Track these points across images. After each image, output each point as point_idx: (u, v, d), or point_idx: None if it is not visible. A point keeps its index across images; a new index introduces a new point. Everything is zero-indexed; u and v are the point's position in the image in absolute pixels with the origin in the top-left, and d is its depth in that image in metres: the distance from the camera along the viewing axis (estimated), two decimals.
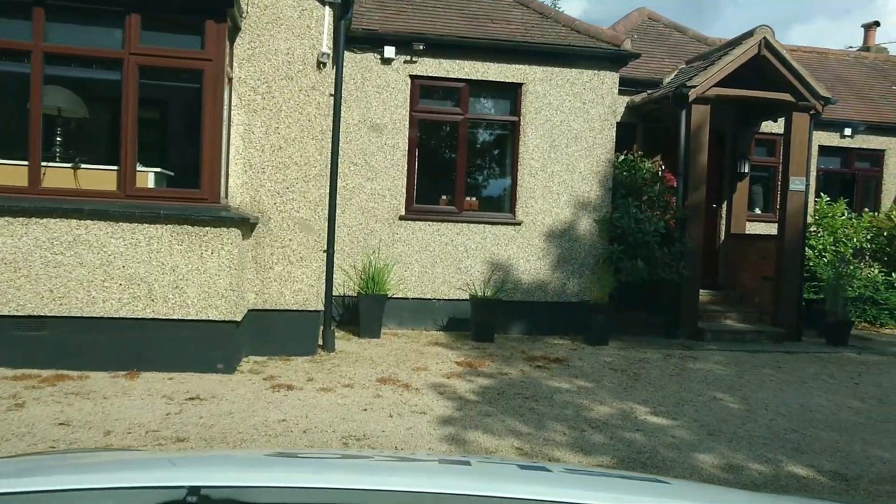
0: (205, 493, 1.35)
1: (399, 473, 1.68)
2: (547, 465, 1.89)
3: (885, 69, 15.85)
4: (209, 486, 1.38)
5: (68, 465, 1.81)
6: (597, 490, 1.64)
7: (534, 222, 9.66)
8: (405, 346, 8.38)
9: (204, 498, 1.34)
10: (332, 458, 1.97)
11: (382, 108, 9.34)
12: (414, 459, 1.95)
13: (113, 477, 1.53)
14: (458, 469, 1.81)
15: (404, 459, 1.91)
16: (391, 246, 9.38)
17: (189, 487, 1.36)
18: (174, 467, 1.59)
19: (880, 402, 7.08)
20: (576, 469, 2.00)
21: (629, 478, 2.19)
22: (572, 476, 1.79)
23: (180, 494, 1.34)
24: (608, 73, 9.77)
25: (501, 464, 2.11)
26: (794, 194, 10.34)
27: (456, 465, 1.87)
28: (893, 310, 12.23)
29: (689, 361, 8.51)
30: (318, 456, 2.05)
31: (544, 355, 8.29)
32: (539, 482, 1.66)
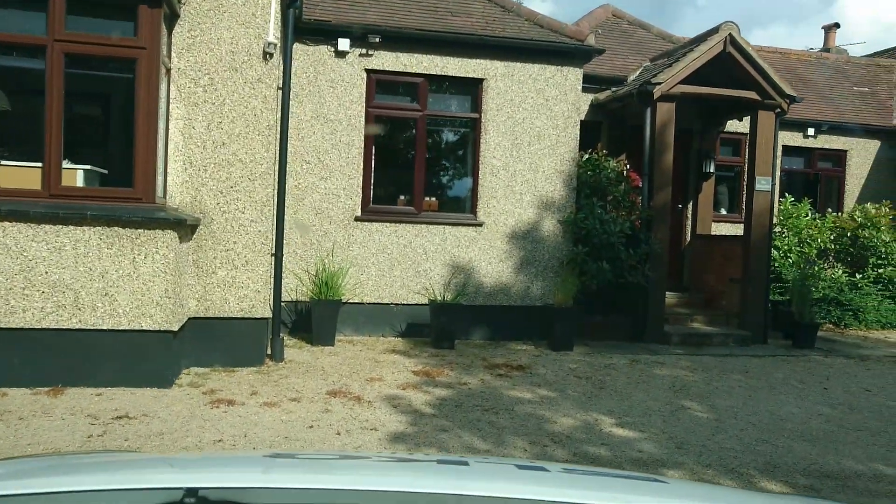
0: (202, 495, 1.33)
1: (397, 474, 1.67)
2: (545, 465, 1.87)
3: (845, 70, 15.89)
4: (207, 487, 1.37)
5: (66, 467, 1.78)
6: (594, 490, 1.63)
7: (496, 223, 9.30)
8: (360, 355, 7.94)
9: (201, 499, 1.33)
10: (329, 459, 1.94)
11: (337, 103, 8.88)
12: (412, 460, 1.93)
13: (111, 478, 1.52)
14: (456, 469, 1.79)
15: (402, 460, 1.89)
16: (347, 248, 8.93)
17: (186, 489, 1.34)
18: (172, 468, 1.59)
19: (850, 408, 6.86)
20: (574, 469, 1.97)
21: (627, 477, 2.14)
22: (570, 476, 1.78)
23: (178, 496, 1.33)
24: (571, 69, 9.45)
25: (499, 464, 2.07)
26: (760, 194, 10.16)
27: (454, 466, 1.85)
28: (857, 311, 12.16)
29: (655, 367, 8.23)
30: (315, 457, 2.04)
31: (506, 362, 7.92)
32: (537, 482, 1.65)
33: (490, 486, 1.54)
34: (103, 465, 1.82)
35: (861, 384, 7.92)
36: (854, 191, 13.97)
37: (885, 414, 6.70)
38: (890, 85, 15.61)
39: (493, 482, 1.62)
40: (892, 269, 12.54)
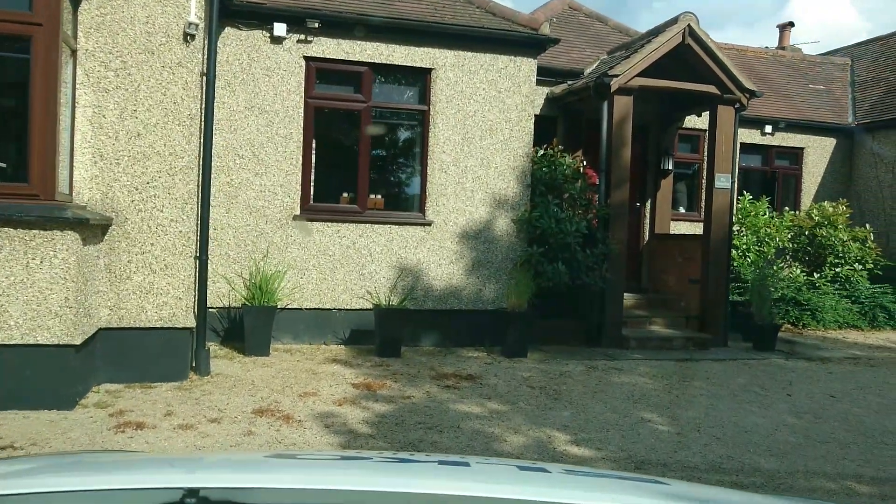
0: (203, 495, 1.32)
1: (398, 474, 1.65)
2: (546, 466, 1.85)
3: (801, 68, 15.80)
4: (207, 487, 1.36)
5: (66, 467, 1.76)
6: (595, 491, 1.63)
7: (446, 222, 8.74)
8: (297, 366, 7.30)
9: (202, 499, 1.31)
10: (330, 459, 1.90)
11: (273, 93, 8.21)
12: (412, 461, 1.87)
13: (111, 478, 1.51)
14: (457, 470, 1.77)
15: (403, 460, 1.82)
16: (284, 250, 8.27)
17: (187, 489, 1.33)
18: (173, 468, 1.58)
19: (816, 417, 6.49)
20: (575, 470, 1.92)
21: (627, 478, 2.11)
22: (571, 477, 1.76)
23: (178, 496, 1.31)
24: (525, 60, 8.95)
25: (500, 465, 2.03)
26: (720, 192, 9.82)
27: (455, 466, 1.81)
28: (815, 310, 11.95)
29: (613, 374, 7.77)
30: (316, 457, 1.98)
31: (455, 372, 7.37)
32: (538, 483, 1.65)
33: (491, 486, 1.53)
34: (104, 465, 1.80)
35: (825, 389, 7.59)
36: (811, 189, 13.83)
37: (851, 422, 6.34)
38: (845, 83, 15.57)
39: (494, 483, 1.60)
40: (850, 269, 12.40)
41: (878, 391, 7.65)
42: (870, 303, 12.29)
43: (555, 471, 1.81)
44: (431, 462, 1.89)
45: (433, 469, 1.79)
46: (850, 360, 9.39)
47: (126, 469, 1.69)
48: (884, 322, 12.26)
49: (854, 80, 15.55)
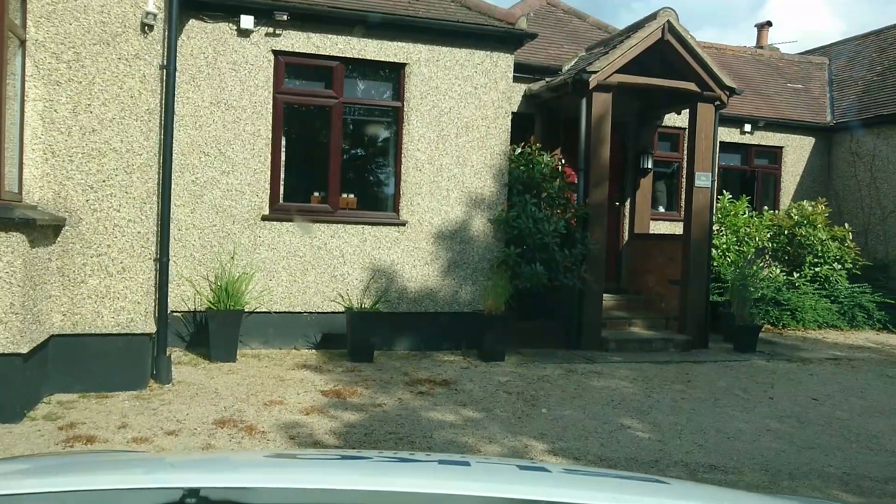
0: (203, 495, 1.32)
1: (398, 474, 1.63)
2: (546, 466, 1.84)
3: (779, 67, 15.76)
4: (207, 487, 1.36)
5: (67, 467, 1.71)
6: (596, 490, 1.62)
7: (420, 222, 8.48)
8: (264, 372, 7.00)
9: (202, 499, 1.31)
10: (330, 459, 1.86)
11: (240, 88, 7.90)
12: (413, 460, 1.81)
13: (112, 478, 1.51)
14: (458, 469, 1.75)
15: (403, 460, 1.77)
16: (252, 251, 7.96)
17: (187, 489, 1.32)
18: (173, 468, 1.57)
19: (799, 421, 6.33)
20: (575, 469, 1.94)
21: (628, 478, 2.11)
22: (571, 476, 1.76)
23: (179, 496, 1.31)
24: (502, 55, 8.72)
25: (501, 464, 1.98)
26: (700, 190, 9.66)
27: (455, 466, 1.79)
28: (795, 310, 11.87)
29: (592, 378, 7.57)
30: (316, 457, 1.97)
31: (430, 377, 7.12)
32: (538, 482, 1.64)
33: (491, 486, 1.54)
34: (104, 465, 1.78)
35: (807, 392, 7.45)
36: (790, 188, 13.77)
37: (835, 427, 6.19)
38: (823, 82, 15.55)
39: (494, 482, 1.60)
40: (829, 268, 12.33)
41: (861, 393, 7.52)
42: (849, 302, 12.23)
43: (555, 470, 1.80)
44: (432, 461, 1.87)
45: (433, 468, 1.76)
46: (831, 360, 9.27)
47: (126, 469, 1.68)
48: (863, 322, 12.21)
49: (832, 79, 15.54)
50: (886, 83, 13.92)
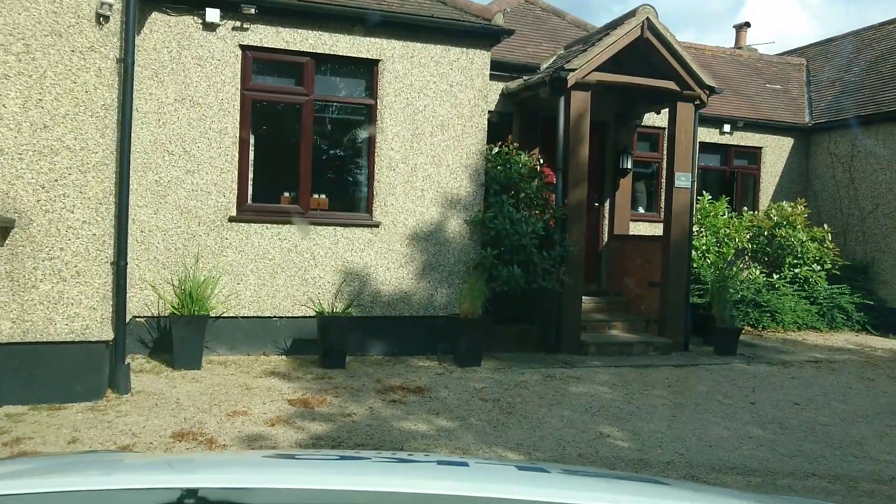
0: (202, 495, 1.32)
1: (397, 474, 1.64)
2: (545, 466, 1.83)
3: (758, 67, 15.72)
4: (207, 487, 1.36)
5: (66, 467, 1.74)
6: (594, 491, 1.62)
7: (395, 223, 8.23)
8: (230, 379, 6.71)
9: (201, 499, 1.31)
10: (329, 459, 1.84)
11: (206, 84, 7.59)
12: (412, 461, 1.81)
13: (111, 479, 1.51)
14: (456, 470, 1.75)
15: (402, 461, 1.77)
16: (219, 254, 7.65)
17: (186, 489, 1.33)
18: (172, 469, 1.57)
19: (782, 427, 6.17)
20: (574, 470, 1.94)
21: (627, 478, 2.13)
22: (570, 477, 1.76)
23: (178, 496, 1.31)
24: (478, 52, 8.49)
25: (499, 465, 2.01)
26: (680, 191, 9.51)
27: (454, 466, 1.79)
28: (775, 312, 11.78)
29: (571, 383, 7.36)
30: (315, 457, 1.94)
31: (403, 384, 6.87)
32: (536, 483, 1.64)
33: (490, 486, 1.54)
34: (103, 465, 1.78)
35: (788, 396, 7.30)
36: (769, 189, 13.70)
37: (818, 433, 6.03)
38: (801, 83, 15.53)
39: (492, 483, 1.60)
40: (808, 269, 12.27)
41: (842, 397, 7.40)
42: (828, 304, 12.17)
43: (553, 471, 1.79)
44: (430, 462, 1.85)
45: (432, 469, 1.76)
46: (812, 363, 9.16)
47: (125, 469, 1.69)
48: (842, 323, 12.15)
49: (810, 80, 15.53)
50: (864, 84, 13.91)
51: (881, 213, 12.55)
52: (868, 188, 12.80)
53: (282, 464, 1.77)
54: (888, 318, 12.20)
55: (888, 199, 12.42)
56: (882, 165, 12.57)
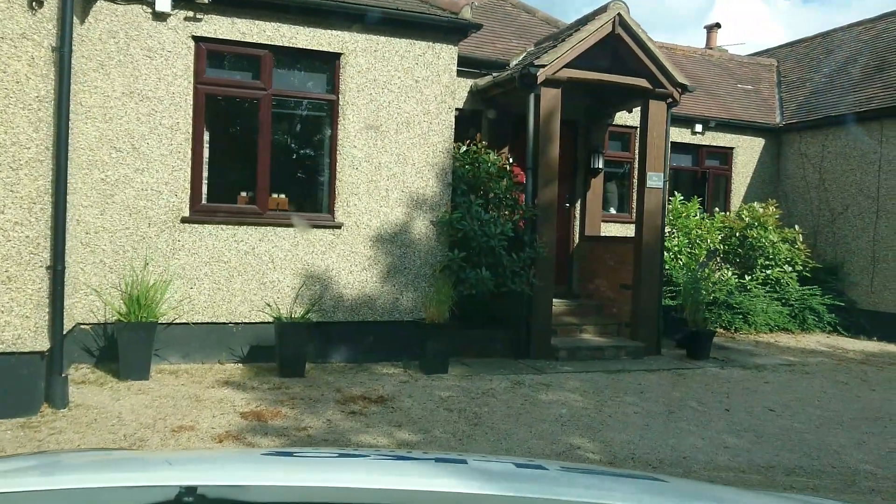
0: (201, 493, 1.31)
1: (396, 472, 1.62)
2: (543, 464, 1.82)
3: (729, 67, 15.65)
4: (205, 485, 1.35)
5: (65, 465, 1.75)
6: (593, 488, 1.62)
7: (357, 225, 7.88)
8: (180, 391, 6.30)
9: (200, 497, 1.30)
10: (327, 457, 1.81)
11: (156, 77, 7.17)
12: (410, 458, 1.81)
13: (109, 476, 1.50)
14: (455, 467, 1.71)
15: (401, 458, 1.78)
16: (171, 256, 7.24)
17: (185, 487, 1.32)
18: (170, 466, 1.56)
19: (757, 436, 5.95)
20: (573, 467, 1.91)
21: (626, 476, 2.06)
22: (568, 474, 1.77)
23: (177, 493, 1.30)
24: (445, 47, 8.18)
25: (498, 462, 1.86)
26: (652, 191, 9.30)
27: (453, 464, 1.75)
28: (747, 313, 11.65)
29: (541, 391, 7.08)
30: (314, 455, 1.87)
31: (365, 393, 6.52)
32: (535, 481, 1.63)
33: (489, 484, 1.53)
34: (102, 463, 1.76)
35: (763, 402, 7.11)
36: (740, 189, 13.60)
37: (794, 441, 5.83)
38: (772, 84, 15.49)
39: (491, 481, 1.59)
40: (780, 271, 12.17)
41: (817, 402, 7.22)
42: (799, 305, 12.08)
43: (552, 468, 1.79)
44: (429, 459, 1.83)
45: (430, 466, 1.75)
46: (786, 367, 9.01)
47: (124, 467, 1.67)
48: (813, 324, 12.08)
49: (780, 80, 15.50)
50: (834, 85, 13.89)
51: (851, 214, 12.51)
52: (838, 189, 12.76)
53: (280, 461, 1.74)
54: (858, 320, 12.16)
55: (858, 200, 12.39)
56: (852, 166, 12.54)
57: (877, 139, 12.09)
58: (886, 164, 11.91)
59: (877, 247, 12.04)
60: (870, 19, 15.33)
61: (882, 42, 14.08)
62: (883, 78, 12.84)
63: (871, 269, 12.14)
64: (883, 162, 11.98)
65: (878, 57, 13.65)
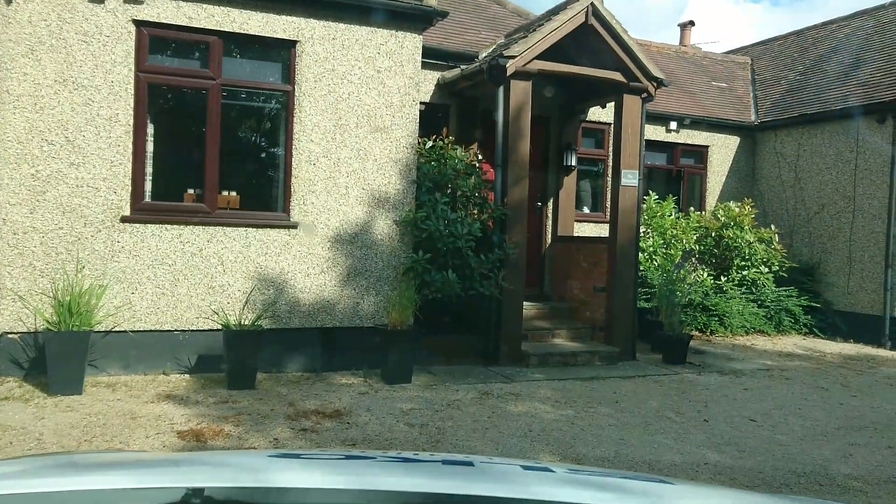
0: (208, 494, 1.31)
1: (402, 474, 1.61)
2: (550, 466, 1.79)
3: (704, 65, 15.40)
4: (212, 486, 1.34)
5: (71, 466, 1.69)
6: (600, 490, 1.61)
7: (315, 224, 7.38)
8: (114, 406, 5.75)
9: (207, 499, 1.29)
10: (334, 459, 1.75)
11: (93, 64, 6.60)
12: (417, 460, 1.78)
13: (115, 478, 1.49)
14: (461, 469, 1.71)
15: (407, 460, 1.74)
16: (110, 259, 6.67)
17: (192, 489, 1.31)
18: (177, 468, 1.56)
19: (739, 450, 5.57)
20: (579, 469, 1.86)
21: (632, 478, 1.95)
22: (575, 476, 1.74)
23: (184, 495, 1.29)
24: (409, 35, 7.71)
25: (504, 464, 1.86)
26: (627, 189, 8.92)
27: (459, 466, 1.75)
28: (723, 316, 11.36)
29: (510, 401, 6.64)
30: (320, 457, 1.83)
31: (319, 407, 6.03)
32: (542, 482, 1.61)
33: (495, 486, 1.52)
34: (107, 465, 1.74)
35: (743, 411, 6.75)
36: (716, 189, 13.33)
37: (778, 456, 5.46)
38: (746, 81, 15.28)
39: (498, 483, 1.57)
40: (756, 271, 11.90)
41: (798, 411, 6.88)
42: (775, 307, 11.83)
43: (559, 470, 1.75)
44: (435, 461, 1.81)
45: (437, 468, 1.72)
46: (764, 371, 8.69)
47: (130, 468, 1.65)
48: (789, 326, 11.83)
49: (755, 78, 15.29)
50: (809, 82, 13.69)
51: (827, 213, 12.30)
52: (814, 188, 12.53)
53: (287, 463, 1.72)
54: (834, 321, 11.95)
55: (834, 199, 12.17)
56: (828, 165, 12.32)
57: (853, 137, 11.88)
58: (863, 162, 11.70)
59: (853, 247, 11.83)
60: (844, 17, 15.19)
61: (857, 40, 13.91)
62: (858, 76, 12.65)
63: (847, 269, 11.93)
64: (859, 161, 11.77)
65: (853, 55, 13.47)
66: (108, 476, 1.52)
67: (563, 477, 1.70)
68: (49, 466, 1.71)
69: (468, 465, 1.76)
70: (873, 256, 11.46)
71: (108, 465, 1.74)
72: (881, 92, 11.59)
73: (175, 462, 1.64)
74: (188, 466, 1.59)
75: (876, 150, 11.45)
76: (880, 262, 11.31)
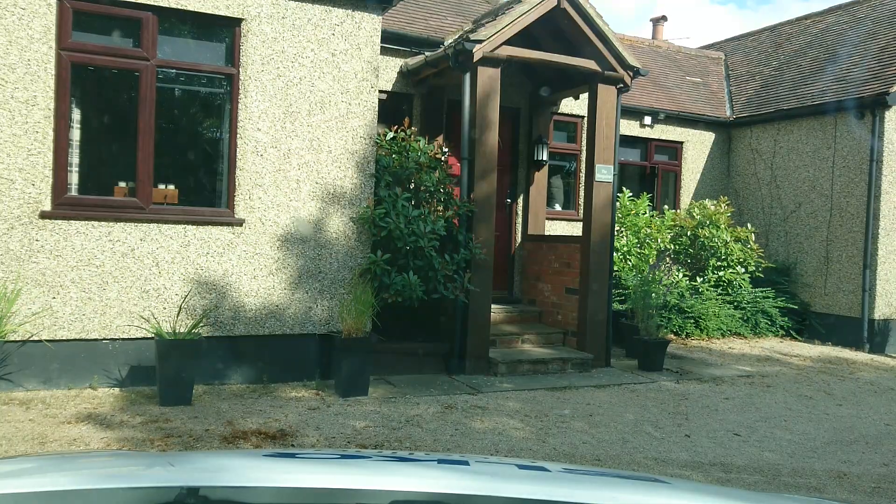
0: (203, 494, 1.32)
1: (398, 473, 1.60)
2: (545, 465, 1.79)
3: (678, 60, 14.99)
4: (208, 486, 1.35)
5: (67, 466, 1.69)
6: (596, 489, 1.62)
7: (263, 221, 6.71)
8: (23, 429, 5.03)
9: (202, 498, 1.31)
10: (329, 458, 1.79)
11: (6, 39, 5.85)
12: (412, 459, 1.78)
13: (111, 478, 1.48)
14: (457, 469, 1.71)
15: (403, 459, 1.74)
16: (26, 259, 5.93)
17: (187, 487, 1.32)
18: (173, 468, 1.55)
19: (724, 469, 5.07)
20: (574, 469, 1.85)
21: (627, 477, 2.05)
22: (571, 475, 1.73)
23: (179, 494, 1.30)
24: (367, 16, 7.09)
25: (500, 464, 1.89)
26: (601, 185, 8.40)
27: (454, 465, 1.74)
28: (699, 318, 10.92)
29: (475, 417, 6.06)
30: (315, 456, 1.88)
31: (262, 426, 5.37)
32: (537, 481, 1.62)
33: (490, 485, 1.53)
34: (104, 464, 1.73)
35: (726, 424, 6.26)
36: (690, 186, 12.92)
37: (768, 477, 4.96)
38: (720, 77, 14.92)
39: (493, 481, 1.58)
40: (732, 272, 11.50)
41: (784, 423, 6.42)
42: (752, 308, 11.44)
43: (554, 469, 1.75)
44: (431, 461, 1.79)
45: (433, 468, 1.71)
46: (744, 378, 8.24)
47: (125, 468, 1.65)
48: (766, 328, 11.45)
49: (729, 73, 14.94)
50: (784, 78, 13.35)
51: (804, 212, 11.95)
52: (790, 186, 12.18)
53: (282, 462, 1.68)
54: (811, 323, 11.61)
55: (811, 197, 11.83)
56: (805, 162, 11.97)
57: (831, 134, 11.53)
58: (840, 160, 11.36)
59: (830, 247, 11.49)
60: (818, 13, 14.91)
61: (831, 35, 13.62)
62: (834, 71, 12.32)
63: (824, 269, 11.59)
64: (836, 157, 11.43)
65: (828, 50, 13.16)
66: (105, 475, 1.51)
67: (559, 476, 1.70)
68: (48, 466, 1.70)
69: (464, 464, 1.75)
70: (851, 257, 11.13)
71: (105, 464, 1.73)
72: (860, 87, 11.26)
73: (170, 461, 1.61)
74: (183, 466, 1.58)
75: (854, 146, 11.12)
76: (858, 262, 10.98)
